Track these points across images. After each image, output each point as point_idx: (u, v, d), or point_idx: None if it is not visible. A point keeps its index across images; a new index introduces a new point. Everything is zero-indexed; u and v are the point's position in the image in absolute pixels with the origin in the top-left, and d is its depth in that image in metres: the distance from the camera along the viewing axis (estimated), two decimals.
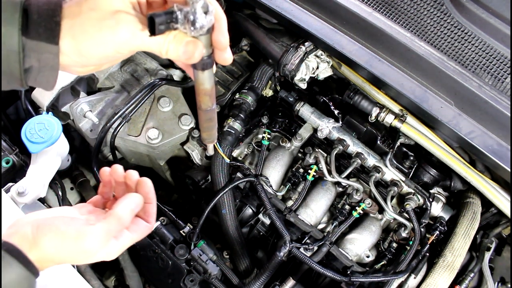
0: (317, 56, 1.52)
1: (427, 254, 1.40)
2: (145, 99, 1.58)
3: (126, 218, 0.77)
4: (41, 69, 0.68)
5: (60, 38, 0.66)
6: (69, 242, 0.71)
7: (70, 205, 1.49)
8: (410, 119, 1.44)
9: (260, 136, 1.63)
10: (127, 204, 0.78)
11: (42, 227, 0.72)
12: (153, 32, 0.62)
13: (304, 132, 1.58)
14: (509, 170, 1.23)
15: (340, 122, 1.55)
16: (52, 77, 0.70)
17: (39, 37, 0.65)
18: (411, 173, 1.53)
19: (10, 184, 1.32)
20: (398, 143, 1.50)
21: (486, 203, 1.44)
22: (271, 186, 1.51)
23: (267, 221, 1.49)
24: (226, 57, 0.70)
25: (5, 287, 0.65)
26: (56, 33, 0.66)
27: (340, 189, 1.54)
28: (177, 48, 0.66)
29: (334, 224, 1.48)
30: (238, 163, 1.53)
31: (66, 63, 0.69)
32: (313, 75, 1.53)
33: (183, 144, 1.63)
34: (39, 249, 0.70)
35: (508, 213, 1.33)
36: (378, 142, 1.55)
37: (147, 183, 0.83)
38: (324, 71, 1.54)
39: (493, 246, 1.49)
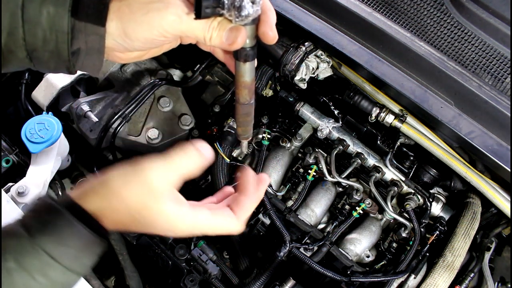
0: (317, 56, 1.52)
1: (427, 254, 1.40)
2: (145, 99, 1.58)
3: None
4: (88, 52, 0.69)
5: (107, 20, 0.66)
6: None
7: None
8: (410, 119, 1.43)
9: (260, 136, 1.62)
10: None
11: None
12: (199, 15, 0.62)
13: (304, 132, 1.58)
14: (509, 170, 1.23)
15: (340, 122, 1.55)
16: (99, 60, 0.70)
17: (87, 18, 0.66)
18: (411, 173, 1.53)
19: (10, 184, 1.32)
20: (398, 143, 1.50)
21: (486, 203, 1.44)
22: (271, 186, 1.50)
23: (267, 221, 1.49)
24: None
25: None
26: (104, 14, 0.66)
27: (340, 189, 1.54)
28: (221, 34, 0.66)
29: (334, 224, 1.48)
30: (238, 163, 1.53)
31: (111, 45, 0.69)
32: (313, 75, 1.53)
33: None
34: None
35: (508, 213, 1.33)
36: (378, 142, 1.55)
37: (249, 175, 0.78)
38: (324, 71, 1.54)
39: (493, 246, 1.49)
